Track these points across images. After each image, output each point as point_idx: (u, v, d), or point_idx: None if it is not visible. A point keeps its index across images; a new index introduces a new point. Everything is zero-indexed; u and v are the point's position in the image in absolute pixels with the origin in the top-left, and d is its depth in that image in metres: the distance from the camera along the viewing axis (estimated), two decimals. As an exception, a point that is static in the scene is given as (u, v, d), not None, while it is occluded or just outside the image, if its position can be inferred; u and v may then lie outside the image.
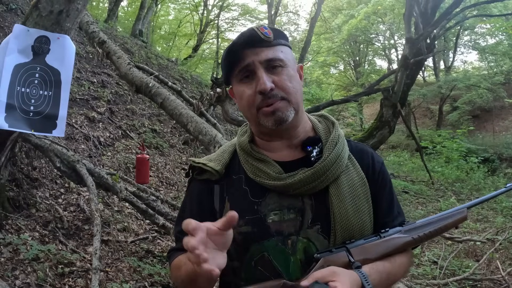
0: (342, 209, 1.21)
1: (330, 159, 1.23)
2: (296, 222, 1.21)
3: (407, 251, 1.29)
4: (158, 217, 4.51)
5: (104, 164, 6.03)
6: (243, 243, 1.22)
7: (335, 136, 1.30)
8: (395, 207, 1.35)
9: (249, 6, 27.60)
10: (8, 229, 3.93)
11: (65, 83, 3.16)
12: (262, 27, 1.21)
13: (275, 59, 1.20)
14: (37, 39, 3.02)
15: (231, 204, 1.26)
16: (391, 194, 1.35)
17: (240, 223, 1.17)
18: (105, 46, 5.23)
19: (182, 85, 12.42)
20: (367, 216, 1.25)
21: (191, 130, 4.05)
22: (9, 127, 2.98)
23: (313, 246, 1.20)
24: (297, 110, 1.24)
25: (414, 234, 1.26)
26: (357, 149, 1.36)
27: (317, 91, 24.30)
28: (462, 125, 20.19)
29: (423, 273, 5.51)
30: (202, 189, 1.32)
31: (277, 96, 1.19)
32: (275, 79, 1.20)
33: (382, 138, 12.81)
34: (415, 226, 1.28)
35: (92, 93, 7.81)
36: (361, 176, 1.28)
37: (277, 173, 1.23)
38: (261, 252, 1.21)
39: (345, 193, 1.23)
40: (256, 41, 1.20)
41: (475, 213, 9.43)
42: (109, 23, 14.35)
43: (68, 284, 3.55)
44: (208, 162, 1.32)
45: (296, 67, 1.29)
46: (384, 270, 1.19)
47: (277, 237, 1.20)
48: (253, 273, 1.22)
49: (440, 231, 1.31)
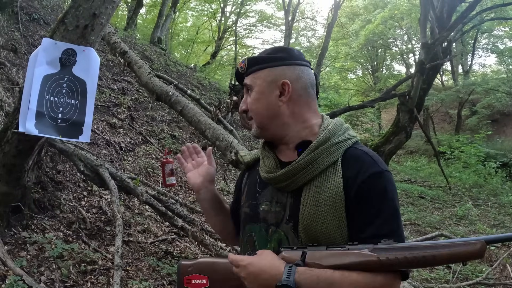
0: (305, 211, 1.30)
1: (300, 163, 1.33)
2: (279, 215, 1.38)
3: (379, 274, 1.16)
4: (177, 219, 4.66)
5: (125, 169, 6.21)
6: (243, 221, 1.52)
7: (317, 142, 1.34)
8: (380, 223, 1.24)
9: (266, 12, 27.71)
10: (33, 228, 4.13)
11: (90, 92, 3.39)
12: (241, 61, 1.48)
13: (246, 85, 1.47)
14: (64, 51, 3.24)
15: (247, 189, 1.56)
16: (377, 209, 1.25)
17: (246, 205, 1.51)
18: (127, 56, 5.45)
19: (201, 92, 12.58)
20: (332, 225, 1.26)
21: (208, 136, 4.22)
22: (39, 133, 3.20)
23: (286, 241, 1.35)
24: (262, 127, 1.46)
25: (382, 255, 1.13)
26: (352, 156, 1.34)
27: (335, 97, 24.29)
28: (481, 129, 19.97)
29: (435, 277, 5.56)
30: (241, 174, 1.70)
31: (248, 116, 1.48)
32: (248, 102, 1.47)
33: (399, 143, 12.81)
34: (391, 247, 1.14)
35: (113, 100, 8.02)
36: (337, 184, 1.28)
37: (269, 168, 1.43)
38: (250, 232, 1.46)
39: (311, 197, 1.30)
40: (240, 74, 1.49)
41: (491, 218, 9.41)
42: (129, 31, 14.63)
43: (90, 281, 3.72)
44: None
45: (271, 86, 1.41)
46: (326, 279, 1.16)
47: (262, 223, 1.42)
48: (244, 247, 1.49)
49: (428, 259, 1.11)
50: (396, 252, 1.12)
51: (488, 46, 25.83)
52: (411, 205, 10.22)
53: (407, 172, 16.79)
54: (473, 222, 8.84)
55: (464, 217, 9.17)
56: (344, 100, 21.64)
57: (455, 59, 23.69)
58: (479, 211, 9.84)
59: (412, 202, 10.55)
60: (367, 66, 32.75)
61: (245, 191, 1.56)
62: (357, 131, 23.37)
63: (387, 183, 1.29)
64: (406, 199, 10.85)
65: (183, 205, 5.58)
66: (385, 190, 1.28)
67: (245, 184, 1.58)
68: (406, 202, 10.42)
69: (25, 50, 6.94)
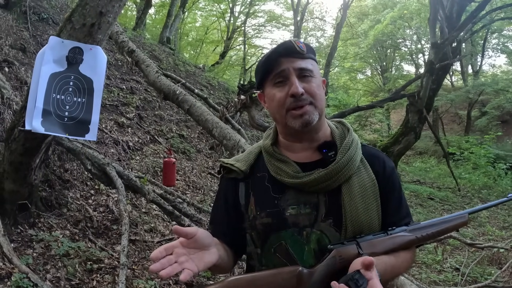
0: (352, 206, 1.36)
1: (342, 162, 1.38)
2: (311, 216, 1.37)
3: (411, 249, 1.41)
4: (184, 218, 4.64)
5: (132, 168, 6.22)
6: (264, 232, 1.40)
7: (348, 141, 1.44)
8: (403, 208, 1.46)
9: (275, 12, 27.69)
10: (40, 226, 4.15)
11: (97, 91, 3.38)
12: (298, 41, 1.39)
13: (306, 69, 1.38)
14: (71, 50, 3.24)
15: (255, 198, 1.44)
16: (400, 196, 1.47)
17: (262, 215, 1.40)
18: (134, 55, 5.45)
19: (209, 92, 12.58)
20: (375, 214, 1.38)
21: (216, 135, 4.20)
22: (45, 131, 3.21)
23: (325, 238, 1.35)
24: (321, 115, 1.41)
25: (418, 234, 1.38)
26: (370, 153, 1.48)
27: (344, 97, 24.19)
28: (491, 130, 19.80)
29: (444, 280, 5.52)
30: (229, 186, 1.51)
31: (306, 100, 1.36)
32: (305, 86, 1.36)
33: (408, 144, 12.73)
34: (419, 226, 1.39)
35: (121, 99, 8.05)
36: (372, 178, 1.41)
37: (295, 172, 1.39)
38: (279, 241, 1.38)
39: (355, 192, 1.38)
40: (292, 51, 1.37)
41: (501, 220, 9.32)
42: (137, 31, 14.67)
43: (96, 280, 3.73)
44: (236, 162, 1.50)
45: (321, 80, 1.45)
46: (389, 263, 1.31)
47: (293, 228, 1.37)
48: (272, 259, 1.39)
49: (441, 232, 1.42)
50: (424, 230, 1.39)
51: (498, 46, 25.71)
52: (420, 206, 10.16)
53: (416, 173, 16.70)
54: (483, 224, 8.76)
55: (474, 219, 9.06)
56: (353, 101, 21.56)
57: (464, 59, 23.53)
58: (489, 213, 9.74)
59: (421, 203, 10.49)
60: (376, 66, 32.61)
61: (251, 201, 1.45)
62: (366, 131, 23.29)
63: (397, 174, 1.53)
64: (415, 200, 10.79)
65: (190, 205, 5.57)
66: (399, 180, 1.52)
67: (248, 194, 1.47)
68: (415, 203, 10.36)
69: (33, 49, 6.97)
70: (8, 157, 3.72)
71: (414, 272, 5.61)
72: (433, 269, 5.95)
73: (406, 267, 1.43)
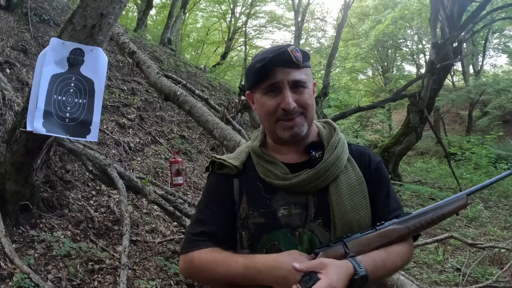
0: (340, 204, 1.37)
1: (329, 161, 1.40)
2: (301, 216, 1.38)
3: (406, 241, 1.38)
4: (185, 219, 4.65)
5: (134, 169, 6.23)
6: (256, 232, 1.40)
7: (335, 140, 1.45)
8: (391, 201, 1.46)
9: (276, 13, 27.68)
10: (42, 227, 4.16)
11: (98, 92, 3.40)
12: (295, 50, 1.36)
13: (300, 81, 1.37)
14: (72, 51, 3.25)
15: (247, 197, 1.44)
16: (388, 189, 1.47)
17: (255, 215, 1.40)
18: (135, 56, 5.47)
19: (211, 92, 12.60)
20: (364, 211, 1.39)
21: (216, 136, 4.21)
22: (47, 132, 3.22)
23: (316, 238, 1.37)
24: (310, 124, 1.43)
25: (409, 225, 1.36)
26: (357, 151, 1.50)
27: (345, 98, 24.24)
28: (492, 130, 19.77)
29: (445, 280, 5.52)
30: (222, 181, 1.49)
31: (297, 112, 1.37)
32: (297, 98, 1.37)
33: (409, 144, 12.74)
34: (410, 216, 1.37)
35: (123, 100, 8.06)
36: (359, 175, 1.42)
37: (283, 174, 1.40)
38: (271, 241, 1.38)
39: (343, 190, 1.39)
40: (288, 62, 1.35)
41: (502, 220, 9.30)
42: (139, 32, 14.71)
43: (97, 280, 3.74)
44: (228, 158, 1.49)
45: (312, 86, 1.45)
46: (379, 258, 1.30)
47: (286, 229, 1.37)
48: None
49: (437, 219, 1.38)
50: (415, 220, 1.36)
51: (499, 46, 25.68)
52: (421, 207, 9.99)
53: (418, 173, 16.69)
54: (484, 224, 8.74)
55: (475, 219, 9.07)
56: (354, 101, 21.59)
57: (466, 59, 23.51)
58: (490, 213, 9.73)
59: (422, 204, 10.47)
60: (377, 67, 32.58)
61: (244, 200, 1.44)
62: (368, 131, 23.31)
63: (385, 168, 1.53)
64: (416, 200, 10.78)
65: (191, 205, 5.56)
66: (387, 174, 1.52)
67: (241, 192, 1.45)
68: (416, 203, 10.35)
69: (35, 51, 6.99)
70: (9, 158, 3.74)
71: (415, 272, 5.62)
72: (434, 269, 5.95)
73: (402, 261, 1.39)
